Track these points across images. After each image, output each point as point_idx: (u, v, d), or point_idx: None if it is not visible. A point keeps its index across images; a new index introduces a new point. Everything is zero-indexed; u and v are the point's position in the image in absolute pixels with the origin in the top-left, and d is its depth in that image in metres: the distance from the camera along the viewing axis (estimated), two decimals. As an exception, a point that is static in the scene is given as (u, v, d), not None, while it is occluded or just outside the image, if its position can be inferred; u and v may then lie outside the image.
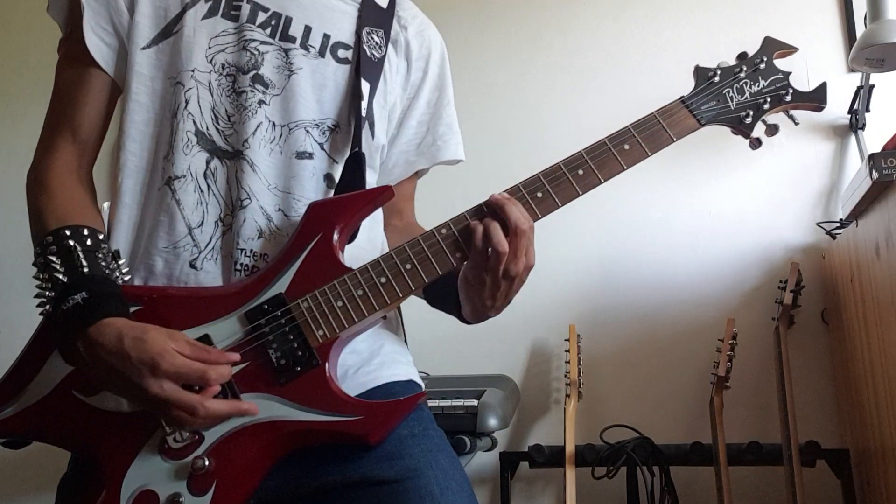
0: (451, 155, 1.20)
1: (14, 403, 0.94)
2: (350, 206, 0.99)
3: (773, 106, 1.06)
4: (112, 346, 0.87)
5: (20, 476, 2.49)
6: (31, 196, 1.03)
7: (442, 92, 1.21)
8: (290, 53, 1.06)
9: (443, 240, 0.97)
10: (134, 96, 1.04)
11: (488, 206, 0.97)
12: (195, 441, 0.91)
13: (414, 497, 0.91)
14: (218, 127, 1.03)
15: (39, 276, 0.94)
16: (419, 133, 1.19)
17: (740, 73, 1.06)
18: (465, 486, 0.97)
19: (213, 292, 0.97)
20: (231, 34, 1.06)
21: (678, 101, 1.04)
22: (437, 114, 1.20)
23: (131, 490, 0.90)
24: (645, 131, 1.01)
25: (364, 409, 0.92)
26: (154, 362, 0.86)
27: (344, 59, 1.09)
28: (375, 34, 1.12)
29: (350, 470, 0.93)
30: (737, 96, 1.05)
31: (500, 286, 0.96)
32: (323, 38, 1.09)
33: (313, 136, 1.05)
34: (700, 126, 1.04)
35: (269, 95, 1.04)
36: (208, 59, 1.04)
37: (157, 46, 1.05)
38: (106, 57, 1.05)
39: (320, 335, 0.94)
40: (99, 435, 0.92)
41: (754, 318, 2.21)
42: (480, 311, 1.01)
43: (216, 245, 1.00)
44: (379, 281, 0.96)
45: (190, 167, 1.01)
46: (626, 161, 1.00)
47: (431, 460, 0.96)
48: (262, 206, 1.01)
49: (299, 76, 1.06)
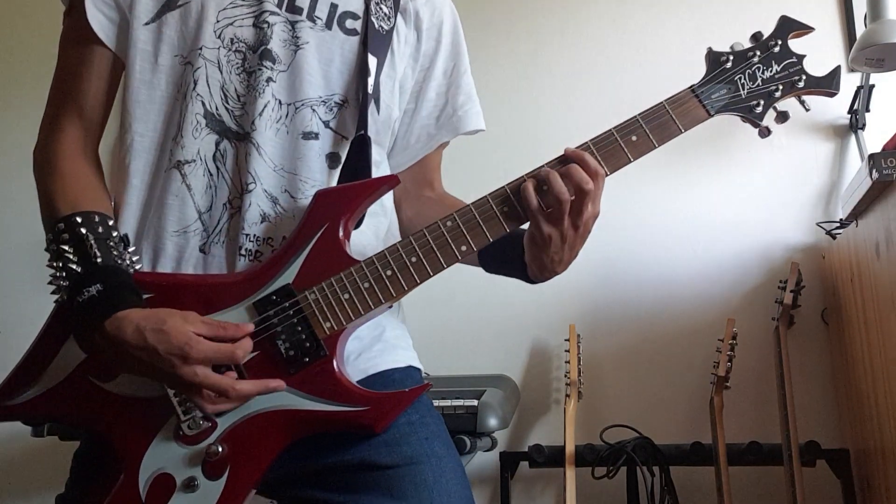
0: (473, 125, 1.19)
1: (33, 387, 0.96)
2: (356, 195, 0.99)
3: (784, 93, 1.03)
4: (136, 342, 0.88)
5: (24, 475, 2.49)
6: (41, 177, 1.03)
7: (458, 60, 1.19)
8: (296, 26, 1.05)
9: (448, 231, 0.98)
10: (138, 74, 1.02)
11: (551, 164, 0.97)
12: (209, 428, 0.94)
13: (409, 483, 0.94)
14: (227, 107, 1.02)
15: (53, 263, 0.95)
16: (438, 105, 1.18)
17: (753, 57, 1.02)
18: (459, 473, 1.00)
19: (221, 280, 0.98)
20: (240, 5, 1.04)
21: (688, 91, 1.02)
22: (456, 83, 1.18)
23: (148, 473, 0.93)
24: (653, 122, 0.99)
25: (370, 399, 0.95)
26: (184, 352, 0.88)
27: (352, 31, 1.07)
28: (384, 4, 1.11)
29: (350, 454, 0.96)
30: (748, 83, 1.02)
31: (566, 238, 0.97)
32: (330, 7, 1.07)
33: (319, 114, 1.04)
34: (710, 117, 1.02)
35: (276, 72, 1.03)
36: (217, 33, 1.03)
37: (161, 20, 1.03)
38: (108, 31, 1.04)
39: (328, 327, 0.95)
40: (115, 419, 0.95)
41: (754, 318, 2.20)
42: (549, 268, 1.01)
43: (223, 228, 1.01)
44: (385, 273, 0.97)
45: (199, 151, 1.01)
46: (634, 153, 0.99)
47: (427, 448, 0.98)
48: (266, 190, 1.01)
49: (305, 51, 1.04)
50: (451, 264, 0.99)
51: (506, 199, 0.98)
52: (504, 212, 0.98)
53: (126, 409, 0.95)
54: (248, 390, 0.92)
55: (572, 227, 0.96)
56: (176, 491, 0.92)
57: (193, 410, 0.94)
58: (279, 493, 1.01)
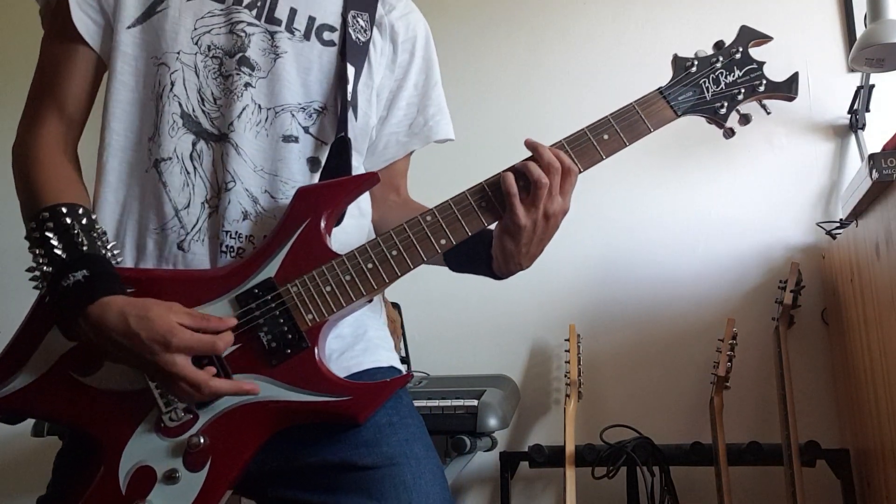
0: (444, 135, 1.24)
1: (12, 381, 0.96)
2: (337, 192, 1.01)
3: (746, 96, 1.10)
4: (118, 327, 0.90)
5: (24, 475, 2.49)
6: (21, 168, 1.04)
7: (429, 74, 1.23)
8: (275, 37, 1.07)
9: (428, 226, 1.00)
10: (119, 76, 1.05)
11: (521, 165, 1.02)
12: (190, 420, 0.94)
13: (388, 484, 0.96)
14: (204, 109, 1.05)
15: (35, 251, 0.96)
16: (409, 115, 1.22)
17: (716, 62, 1.09)
18: (438, 475, 1.01)
19: (203, 275, 1.00)
20: (217, 15, 1.07)
21: (656, 92, 1.07)
22: (427, 95, 1.23)
23: (129, 466, 0.93)
24: (624, 121, 1.05)
25: (352, 389, 0.96)
26: (165, 340, 0.89)
27: (329, 42, 1.10)
28: (361, 17, 1.14)
29: (330, 454, 0.97)
30: (712, 86, 1.08)
31: (537, 229, 1.00)
32: (308, 20, 1.10)
33: (299, 119, 1.07)
34: (677, 117, 1.07)
35: (255, 78, 1.05)
36: (194, 40, 1.05)
37: (142, 26, 1.05)
38: (92, 33, 1.06)
39: (310, 319, 0.97)
40: (96, 413, 0.95)
41: (754, 318, 2.21)
42: (516, 261, 1.04)
43: (202, 227, 1.02)
44: (366, 266, 0.99)
45: (176, 149, 1.03)
46: (605, 150, 1.04)
47: (407, 449, 0.99)
48: (247, 189, 1.03)
49: (284, 60, 1.07)
50: (431, 257, 1.01)
51: (483, 195, 1.02)
52: (482, 206, 1.01)
53: (106, 403, 0.95)
54: (221, 389, 0.92)
55: (544, 218, 1.00)
56: (157, 483, 0.93)
57: (174, 402, 0.94)
58: (260, 492, 1.01)
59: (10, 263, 2.49)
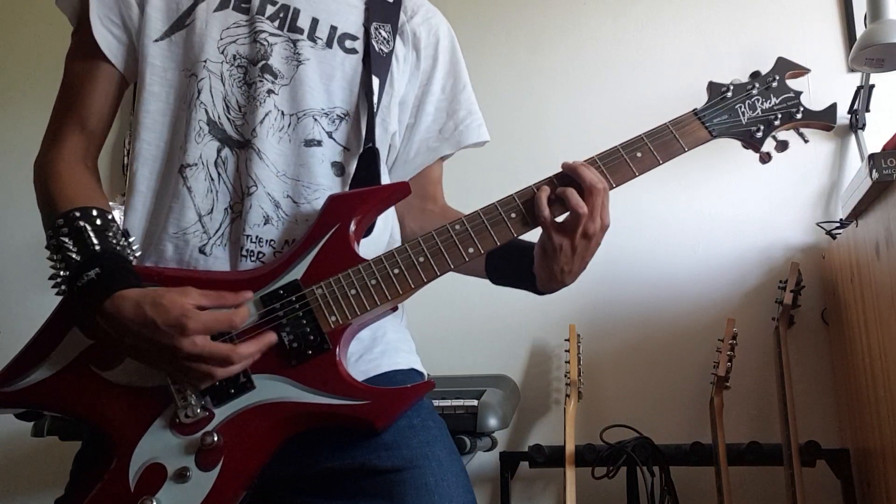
0: (476, 138, 1.22)
1: (30, 375, 0.96)
2: (368, 200, 1.01)
3: (783, 122, 1.10)
4: (135, 317, 0.89)
5: (24, 475, 2.49)
6: (41, 183, 1.05)
7: (456, 77, 1.23)
8: (297, 44, 1.09)
9: (456, 234, 1.00)
10: (148, 87, 1.07)
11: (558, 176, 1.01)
12: (206, 418, 0.94)
13: (410, 488, 0.94)
14: (229, 116, 1.06)
15: (53, 257, 0.97)
16: (438, 120, 1.21)
17: (752, 89, 1.09)
18: (461, 478, 0.99)
19: (227, 276, 1.00)
20: (242, 26, 1.09)
21: (691, 114, 1.07)
22: (455, 99, 1.22)
23: (140, 462, 0.93)
24: (657, 140, 1.05)
25: (372, 394, 0.95)
26: (181, 322, 0.88)
27: (351, 50, 1.11)
28: (383, 29, 1.15)
29: (350, 457, 0.96)
30: (748, 111, 1.08)
31: (576, 249, 0.99)
32: (330, 29, 1.11)
33: (322, 124, 1.07)
34: (712, 138, 1.07)
35: (277, 85, 1.07)
36: (220, 49, 1.07)
37: (170, 38, 1.08)
38: (115, 50, 1.08)
39: (332, 321, 0.96)
40: (111, 409, 0.95)
41: (754, 318, 2.21)
42: (558, 279, 1.04)
43: (225, 232, 1.03)
44: (392, 272, 0.98)
45: (201, 156, 1.04)
46: (638, 168, 1.04)
47: (428, 452, 0.98)
48: (268, 193, 1.03)
49: (307, 66, 1.08)
50: (459, 265, 1.00)
51: (514, 207, 1.01)
52: (511, 217, 1.01)
53: (123, 398, 0.95)
54: (249, 351, 0.92)
55: (583, 238, 0.99)
56: (167, 480, 0.92)
57: (191, 398, 0.94)
58: (278, 501, 1.00)
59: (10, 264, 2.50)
